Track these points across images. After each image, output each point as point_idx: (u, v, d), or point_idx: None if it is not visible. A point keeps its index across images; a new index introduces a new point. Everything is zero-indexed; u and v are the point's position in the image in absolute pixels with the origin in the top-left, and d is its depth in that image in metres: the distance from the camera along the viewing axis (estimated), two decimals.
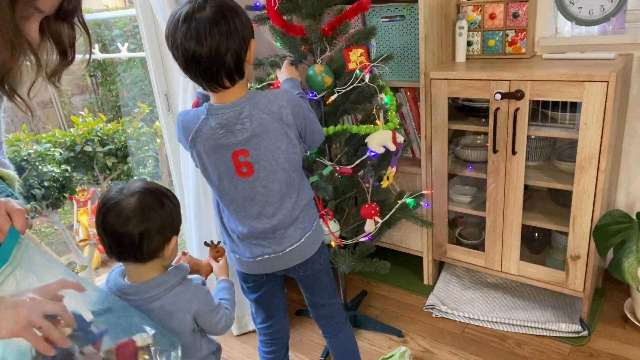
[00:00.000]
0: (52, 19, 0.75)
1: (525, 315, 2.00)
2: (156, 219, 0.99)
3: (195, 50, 1.10)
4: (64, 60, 0.80)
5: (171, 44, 1.13)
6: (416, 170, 2.16)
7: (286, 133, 1.23)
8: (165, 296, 1.03)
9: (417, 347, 1.93)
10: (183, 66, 1.15)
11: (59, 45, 0.78)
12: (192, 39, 1.09)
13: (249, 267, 1.37)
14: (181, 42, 1.10)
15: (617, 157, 1.96)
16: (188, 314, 1.06)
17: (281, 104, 1.22)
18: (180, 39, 1.10)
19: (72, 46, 0.80)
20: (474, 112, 2.01)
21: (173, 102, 2.00)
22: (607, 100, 1.59)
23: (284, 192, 1.28)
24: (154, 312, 1.01)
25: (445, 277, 2.31)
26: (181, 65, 1.15)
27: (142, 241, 0.98)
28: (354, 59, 1.54)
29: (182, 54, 1.12)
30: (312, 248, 1.38)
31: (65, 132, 2.91)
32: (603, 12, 1.90)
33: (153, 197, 1.01)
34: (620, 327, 1.91)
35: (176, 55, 1.14)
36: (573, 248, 1.82)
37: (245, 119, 1.18)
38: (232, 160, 1.22)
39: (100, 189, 2.85)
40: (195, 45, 1.09)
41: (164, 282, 1.04)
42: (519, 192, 1.87)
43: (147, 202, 0.99)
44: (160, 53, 1.95)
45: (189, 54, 1.11)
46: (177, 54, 1.13)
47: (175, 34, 1.11)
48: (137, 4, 1.86)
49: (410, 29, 2.05)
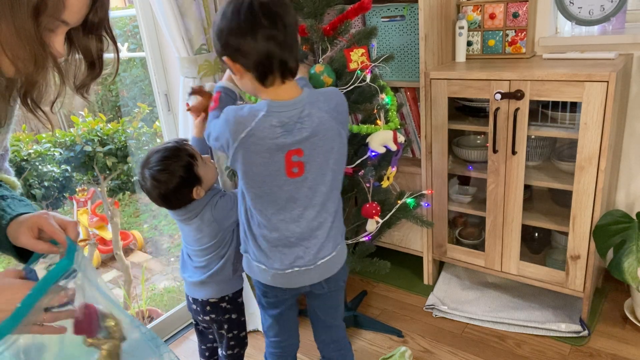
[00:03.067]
0: (80, 32, 0.75)
1: (525, 315, 2.00)
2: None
3: (282, 39, 1.09)
4: (92, 72, 0.79)
5: (252, 36, 1.07)
6: (416, 170, 2.16)
7: (339, 133, 1.20)
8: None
9: (417, 347, 1.93)
10: (264, 56, 1.09)
11: (87, 57, 0.78)
12: (276, 29, 1.08)
13: (275, 279, 1.29)
14: (270, 31, 1.07)
15: (617, 157, 1.96)
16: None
17: (338, 101, 1.21)
18: (267, 30, 1.07)
19: (100, 58, 0.79)
20: (474, 112, 2.01)
21: (173, 102, 2.00)
22: (607, 100, 1.59)
23: (328, 195, 1.24)
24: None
25: (445, 277, 2.31)
26: (261, 56, 1.09)
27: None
28: (355, 59, 1.54)
29: (265, 45, 1.07)
30: (340, 261, 1.34)
31: (65, 132, 2.91)
32: (603, 12, 1.90)
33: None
34: (620, 327, 1.91)
35: (252, 47, 1.08)
36: (573, 248, 1.83)
37: (306, 117, 1.15)
38: (285, 160, 1.17)
39: (100, 189, 2.85)
40: (280, 34, 1.08)
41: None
42: (519, 192, 1.87)
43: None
44: (160, 53, 1.95)
45: (278, 42, 1.08)
46: (257, 45, 1.08)
47: (256, 26, 1.06)
48: (137, 4, 1.86)
49: (410, 29, 2.05)
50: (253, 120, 1.13)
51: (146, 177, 1.36)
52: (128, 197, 3.47)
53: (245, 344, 1.62)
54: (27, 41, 0.64)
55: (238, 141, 1.14)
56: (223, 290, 1.50)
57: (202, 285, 1.49)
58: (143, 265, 2.94)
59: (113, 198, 3.04)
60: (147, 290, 2.70)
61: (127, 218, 3.53)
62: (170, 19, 1.67)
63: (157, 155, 1.35)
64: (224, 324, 1.54)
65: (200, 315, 1.55)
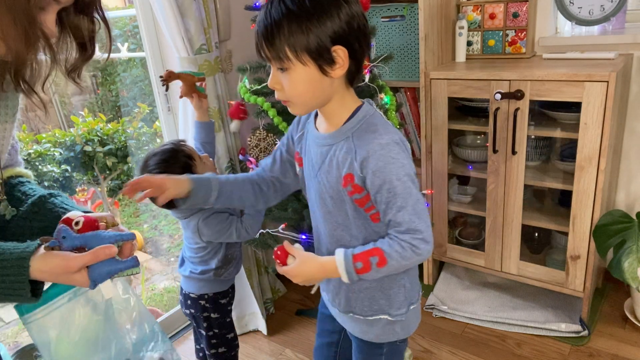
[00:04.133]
0: (71, 12, 0.74)
1: (525, 315, 2.00)
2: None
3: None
4: (83, 54, 0.78)
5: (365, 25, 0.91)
6: (416, 170, 2.15)
7: None
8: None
9: (417, 347, 1.93)
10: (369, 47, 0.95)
11: (78, 38, 0.77)
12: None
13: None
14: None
15: (617, 157, 1.96)
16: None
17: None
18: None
19: (91, 40, 0.78)
20: (474, 112, 2.01)
21: (173, 102, 2.00)
22: (607, 100, 1.59)
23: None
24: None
25: (445, 277, 2.31)
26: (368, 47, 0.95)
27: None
28: None
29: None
30: None
31: (65, 132, 2.91)
32: (603, 12, 1.90)
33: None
34: (620, 327, 1.91)
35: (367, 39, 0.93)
36: (573, 248, 1.82)
37: None
38: None
39: (100, 189, 2.85)
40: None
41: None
42: (519, 192, 1.87)
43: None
44: (160, 53, 1.95)
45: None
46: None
47: (362, 14, 0.89)
48: (137, 4, 1.86)
49: (410, 29, 2.05)
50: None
51: None
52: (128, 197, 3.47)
53: (234, 345, 1.61)
54: (19, 19, 0.64)
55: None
56: (202, 288, 1.52)
57: (187, 279, 1.53)
58: (143, 265, 2.94)
59: (113, 198, 3.04)
60: (147, 290, 2.70)
61: (127, 218, 3.53)
62: (170, 19, 1.67)
63: (154, 159, 1.35)
64: (203, 322, 1.55)
65: (183, 307, 1.58)
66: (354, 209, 0.97)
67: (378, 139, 0.90)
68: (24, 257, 0.70)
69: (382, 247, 0.92)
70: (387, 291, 1.04)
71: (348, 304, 1.08)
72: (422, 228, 0.90)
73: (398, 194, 0.90)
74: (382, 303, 1.05)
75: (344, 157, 0.94)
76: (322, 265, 0.96)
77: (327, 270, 0.96)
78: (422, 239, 0.91)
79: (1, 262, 0.70)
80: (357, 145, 0.92)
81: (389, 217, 0.92)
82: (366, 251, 0.92)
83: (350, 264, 0.92)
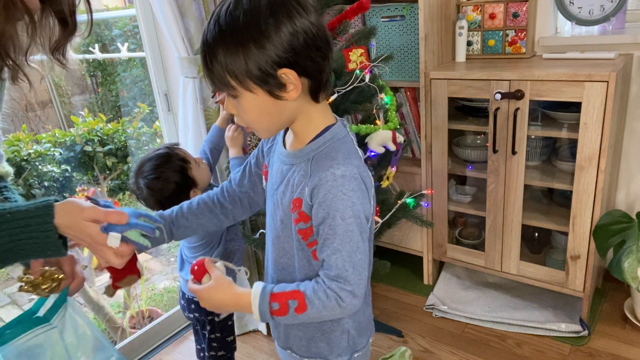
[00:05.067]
0: None
1: (525, 315, 2.00)
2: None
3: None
4: (65, 31, 0.77)
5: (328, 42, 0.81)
6: (416, 170, 2.16)
7: None
8: None
9: (417, 347, 1.93)
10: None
11: (58, 13, 0.76)
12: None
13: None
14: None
15: (617, 157, 1.96)
16: None
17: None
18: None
19: (72, 15, 0.77)
20: (474, 112, 2.01)
21: (173, 102, 2.00)
22: (607, 100, 1.59)
23: None
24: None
25: (445, 277, 2.31)
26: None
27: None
28: (354, 59, 1.54)
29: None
30: None
31: (65, 132, 2.91)
32: (603, 12, 1.90)
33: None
34: (620, 327, 1.91)
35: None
36: (573, 248, 1.82)
37: None
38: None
39: (100, 189, 2.85)
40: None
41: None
42: (519, 192, 1.87)
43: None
44: (160, 53, 1.95)
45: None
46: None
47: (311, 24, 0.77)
48: (137, 4, 1.86)
49: (410, 29, 2.05)
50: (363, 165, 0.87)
51: (141, 186, 1.36)
52: (128, 197, 3.47)
53: (232, 348, 1.61)
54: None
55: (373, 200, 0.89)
56: None
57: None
58: (143, 266, 2.94)
59: (113, 198, 3.04)
60: (147, 290, 2.70)
61: None
62: (170, 19, 1.67)
63: (149, 164, 1.35)
64: (207, 325, 1.55)
65: (186, 311, 1.57)
66: (297, 239, 0.88)
67: (334, 167, 0.79)
68: (49, 201, 0.75)
69: (305, 292, 0.82)
70: (328, 334, 0.94)
71: (287, 339, 0.99)
72: (353, 280, 0.80)
73: (337, 234, 0.79)
74: (322, 346, 0.95)
75: (299, 180, 0.84)
76: (236, 296, 0.86)
77: (240, 304, 0.86)
78: (351, 291, 0.81)
79: (27, 206, 0.74)
80: (312, 170, 0.82)
81: (322, 256, 0.82)
82: (287, 292, 0.83)
83: (265, 303, 0.83)
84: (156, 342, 2.09)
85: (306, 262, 0.89)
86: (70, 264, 0.90)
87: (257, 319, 0.84)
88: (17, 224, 0.73)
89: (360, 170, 0.82)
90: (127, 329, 2.38)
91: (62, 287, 0.89)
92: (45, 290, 0.87)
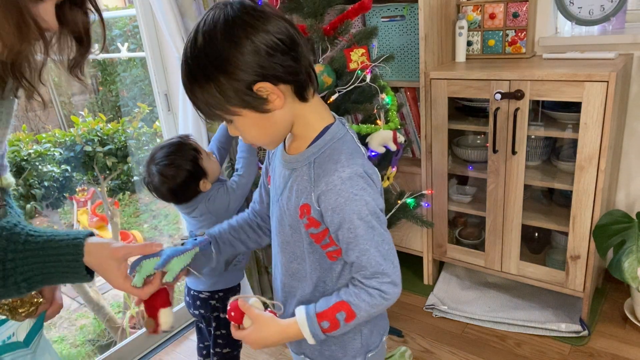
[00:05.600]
0: (67, 7, 0.74)
1: (525, 315, 2.00)
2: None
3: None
4: (81, 48, 0.79)
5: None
6: (416, 170, 2.16)
7: None
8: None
9: (417, 347, 1.93)
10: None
11: (75, 33, 0.77)
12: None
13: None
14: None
15: (617, 157, 1.96)
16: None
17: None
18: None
19: (87, 33, 0.78)
20: (474, 112, 2.01)
21: (173, 102, 2.00)
22: (607, 100, 1.59)
23: None
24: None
25: (445, 277, 2.31)
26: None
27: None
28: (355, 59, 1.54)
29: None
30: None
31: (65, 132, 2.91)
32: (603, 12, 1.90)
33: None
34: (620, 327, 1.91)
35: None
36: (573, 248, 1.82)
37: None
38: None
39: (100, 189, 2.85)
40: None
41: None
42: (519, 192, 1.87)
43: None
44: (160, 53, 1.95)
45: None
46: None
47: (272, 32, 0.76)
48: (137, 4, 1.86)
49: (410, 29, 2.05)
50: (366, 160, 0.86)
51: (153, 173, 1.37)
52: (128, 197, 3.47)
53: (238, 346, 1.62)
54: (10, 9, 0.64)
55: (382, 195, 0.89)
56: (215, 285, 1.51)
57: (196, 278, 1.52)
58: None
59: (113, 198, 3.04)
60: None
61: (127, 218, 3.53)
62: (170, 18, 1.67)
63: (162, 152, 1.37)
64: (212, 322, 1.55)
65: (191, 308, 1.57)
66: (309, 243, 0.87)
67: (339, 171, 0.78)
68: (79, 238, 0.80)
69: (349, 300, 0.82)
70: (341, 336, 0.93)
71: (299, 344, 0.98)
72: (389, 270, 0.81)
73: (360, 235, 0.79)
74: (335, 349, 0.94)
75: (304, 185, 0.83)
76: (282, 329, 0.86)
77: (290, 334, 0.86)
78: (391, 282, 0.81)
79: (58, 242, 0.78)
80: (317, 175, 0.81)
81: (351, 259, 0.82)
82: (331, 307, 0.82)
83: (315, 325, 0.82)
84: (156, 342, 2.09)
85: (318, 265, 0.88)
86: (51, 289, 0.93)
87: (312, 342, 0.84)
88: (49, 259, 0.77)
89: (366, 167, 0.81)
90: (127, 329, 2.38)
91: (39, 312, 0.90)
92: (22, 314, 0.88)
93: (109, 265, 0.81)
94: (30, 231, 0.78)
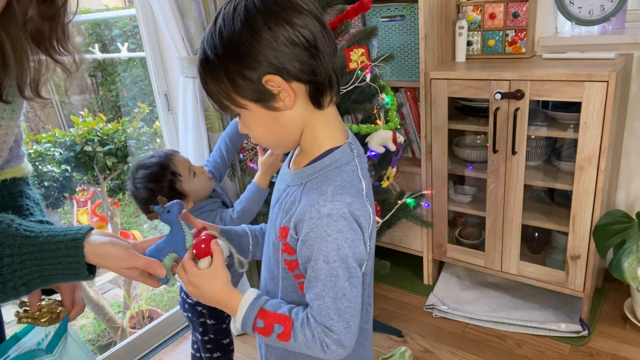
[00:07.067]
0: None
1: (525, 315, 2.00)
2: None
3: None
4: (47, 7, 0.75)
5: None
6: (416, 170, 2.16)
7: None
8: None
9: (417, 347, 1.93)
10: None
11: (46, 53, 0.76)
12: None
13: None
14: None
15: (617, 157, 1.96)
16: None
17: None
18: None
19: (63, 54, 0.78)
20: (474, 112, 2.01)
21: (173, 102, 2.00)
22: (607, 100, 1.59)
23: None
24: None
25: (445, 277, 2.31)
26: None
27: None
28: (354, 59, 1.54)
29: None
30: None
31: (65, 132, 2.91)
32: (603, 12, 1.90)
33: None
34: (620, 327, 1.91)
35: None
36: (573, 248, 1.82)
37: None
38: None
39: (100, 189, 2.85)
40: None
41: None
42: (519, 192, 1.87)
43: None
44: (160, 53, 1.95)
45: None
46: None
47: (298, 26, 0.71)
48: (137, 4, 1.86)
49: (410, 29, 2.05)
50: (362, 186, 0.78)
51: (132, 191, 1.39)
52: (128, 197, 3.47)
53: (229, 350, 1.61)
54: None
55: (370, 230, 0.78)
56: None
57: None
58: None
59: (113, 198, 3.04)
60: (147, 290, 2.70)
61: (127, 218, 3.53)
62: (170, 19, 1.68)
63: (141, 172, 1.36)
64: (199, 327, 1.54)
65: (182, 309, 1.58)
66: (284, 268, 0.81)
67: (319, 204, 0.71)
68: (78, 238, 0.76)
69: (294, 323, 0.75)
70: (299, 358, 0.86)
71: (268, 350, 0.92)
72: (339, 330, 0.72)
73: (320, 278, 0.72)
74: None
75: (289, 206, 0.77)
76: (226, 294, 0.79)
77: (227, 304, 0.79)
78: (337, 340, 0.73)
79: (57, 244, 0.75)
80: (301, 200, 0.75)
81: (308, 296, 0.75)
82: (276, 315, 0.76)
83: (252, 315, 0.76)
84: (156, 342, 2.09)
85: (291, 292, 0.82)
86: (69, 291, 0.90)
87: (238, 326, 0.78)
88: (48, 261, 0.74)
89: (353, 207, 0.72)
90: (127, 329, 2.38)
91: (62, 317, 0.89)
92: (45, 322, 0.87)
93: (115, 268, 0.78)
94: (25, 231, 0.75)
